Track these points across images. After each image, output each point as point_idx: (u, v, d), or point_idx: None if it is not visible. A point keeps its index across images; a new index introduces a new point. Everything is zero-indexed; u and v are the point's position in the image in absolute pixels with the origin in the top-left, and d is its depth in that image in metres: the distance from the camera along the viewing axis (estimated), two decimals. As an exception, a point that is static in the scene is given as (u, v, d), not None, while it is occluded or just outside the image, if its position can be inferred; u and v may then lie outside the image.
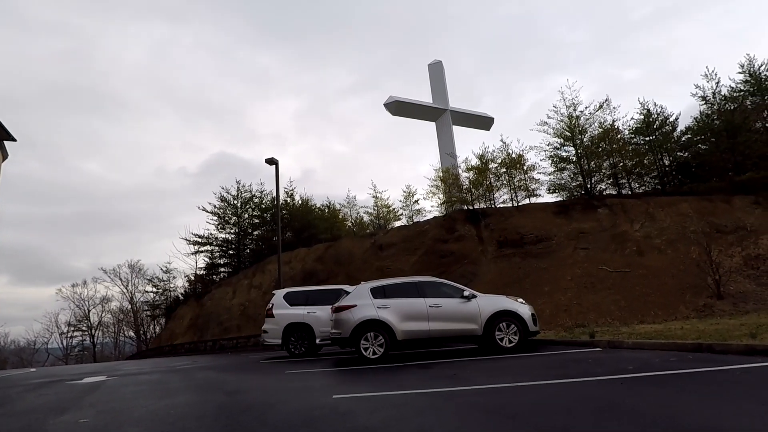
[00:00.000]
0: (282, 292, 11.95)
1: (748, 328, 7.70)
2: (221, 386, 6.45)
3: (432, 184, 22.49)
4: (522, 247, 17.24)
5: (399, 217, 25.59)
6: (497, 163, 21.23)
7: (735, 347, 6.08)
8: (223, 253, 31.82)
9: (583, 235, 16.44)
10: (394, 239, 21.71)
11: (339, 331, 8.59)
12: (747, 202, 15.02)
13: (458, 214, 20.35)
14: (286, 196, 29.54)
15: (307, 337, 11.18)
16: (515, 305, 8.77)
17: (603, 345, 7.99)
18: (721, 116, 17.56)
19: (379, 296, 8.77)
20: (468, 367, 6.75)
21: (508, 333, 8.59)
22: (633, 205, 16.81)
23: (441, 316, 8.60)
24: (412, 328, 8.50)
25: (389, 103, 27.51)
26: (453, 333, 8.59)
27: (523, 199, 20.92)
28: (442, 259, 18.95)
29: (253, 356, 13.47)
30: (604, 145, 19.00)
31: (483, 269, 17.50)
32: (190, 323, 27.64)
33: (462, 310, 8.68)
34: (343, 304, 8.78)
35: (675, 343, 6.85)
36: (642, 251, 14.51)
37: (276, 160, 18.48)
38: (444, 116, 27.69)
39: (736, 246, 13.07)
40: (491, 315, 8.61)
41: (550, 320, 12.37)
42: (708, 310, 11.00)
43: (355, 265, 22.10)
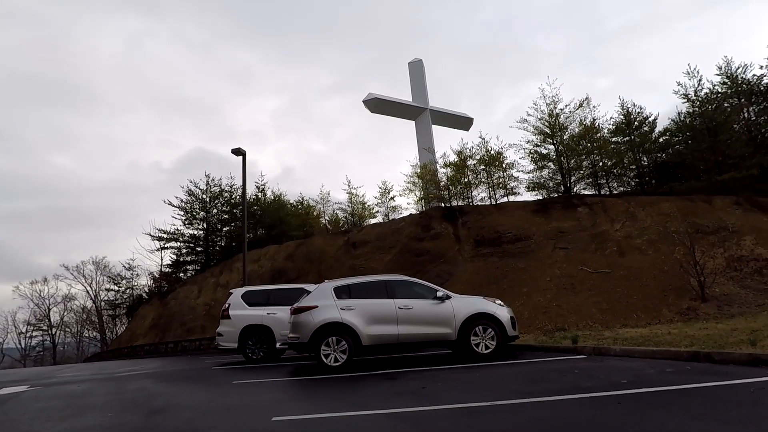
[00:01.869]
0: (240, 291, 10.92)
1: (742, 334, 7.11)
2: (148, 402, 5.43)
3: (409, 180, 21.71)
4: (500, 247, 16.59)
5: (374, 215, 24.72)
6: (476, 159, 20.59)
7: (736, 357, 5.42)
8: (190, 249, 30.35)
9: (563, 235, 15.89)
10: (369, 237, 20.83)
11: (297, 335, 7.65)
12: (728, 202, 14.72)
13: (435, 212, 19.60)
14: (257, 191, 28.36)
15: (267, 341, 10.18)
16: (493, 307, 8.00)
17: (587, 352, 7.28)
18: (703, 114, 17.30)
19: (344, 296, 7.87)
20: (439, 377, 5.91)
21: (484, 338, 7.81)
22: (613, 204, 16.35)
23: (412, 319, 7.76)
24: (379, 332, 7.62)
25: (368, 100, 26.76)
26: (424, 338, 7.75)
27: (501, 198, 20.34)
28: (417, 258, 18.16)
29: (210, 360, 12.38)
30: (585, 143, 18.55)
31: (459, 269, 16.78)
32: (153, 323, 26.13)
33: (435, 312, 7.86)
34: (302, 305, 7.84)
35: (668, 351, 6.17)
36: (623, 251, 14.02)
37: (243, 151, 17.35)
38: (423, 115, 27.12)
39: (718, 247, 12.67)
40: (467, 318, 7.81)
41: (528, 323, 11.69)
42: (692, 313, 10.49)
43: (327, 263, 21.12)
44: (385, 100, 26.66)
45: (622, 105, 21.32)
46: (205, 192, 29.19)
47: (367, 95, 27.01)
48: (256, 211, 28.97)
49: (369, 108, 27.00)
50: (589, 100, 19.89)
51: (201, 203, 29.15)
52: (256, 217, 29.13)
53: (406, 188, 21.87)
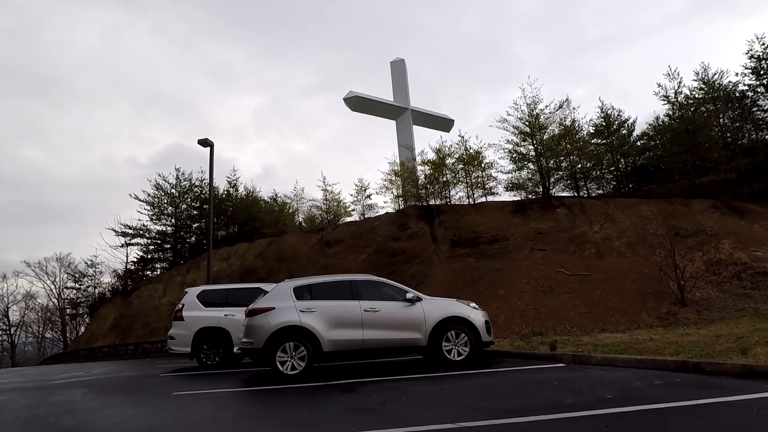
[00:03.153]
0: (196, 290, 10.06)
1: (728, 341, 6.69)
2: (59, 421, 4.61)
3: (386, 178, 21.06)
4: (477, 247, 16.10)
5: (350, 213, 24.00)
6: (454, 158, 20.10)
7: (729, 368, 4.93)
8: (157, 246, 29.03)
9: (541, 236, 15.49)
10: (343, 236, 20.10)
11: (250, 340, 6.89)
12: (706, 206, 14.55)
13: (411, 211, 19.02)
14: (229, 186, 27.26)
15: (223, 345, 9.36)
16: (467, 311, 7.40)
17: (567, 359, 6.74)
18: (682, 116, 17.20)
19: (304, 297, 7.16)
20: (404, 390, 5.26)
21: (457, 344, 7.21)
22: (592, 206, 16.05)
23: (378, 323, 7.09)
24: (342, 336, 6.93)
25: (349, 98, 26.17)
26: (392, 343, 7.10)
27: (480, 198, 19.90)
28: (392, 258, 17.52)
29: (166, 365, 11.46)
30: (565, 143, 18.25)
31: (435, 270, 16.21)
32: (114, 324, 24.76)
33: (404, 315, 7.22)
34: (257, 307, 7.09)
35: (654, 361, 5.66)
36: (601, 254, 13.67)
37: (211, 143, 16.40)
38: (405, 115, 26.72)
39: (697, 250, 12.43)
40: (438, 322, 7.20)
41: (505, 326, 11.17)
42: (672, 317, 10.14)
43: (300, 262, 20.30)
44: (366, 98, 26.15)
45: (602, 107, 21.20)
46: (175, 186, 27.97)
47: (348, 93, 26.41)
48: (228, 207, 27.92)
49: (350, 106, 26.48)
50: (569, 101, 19.67)
51: (170, 198, 27.91)
52: (228, 214, 28.07)
53: (383, 186, 21.25)
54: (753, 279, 11.04)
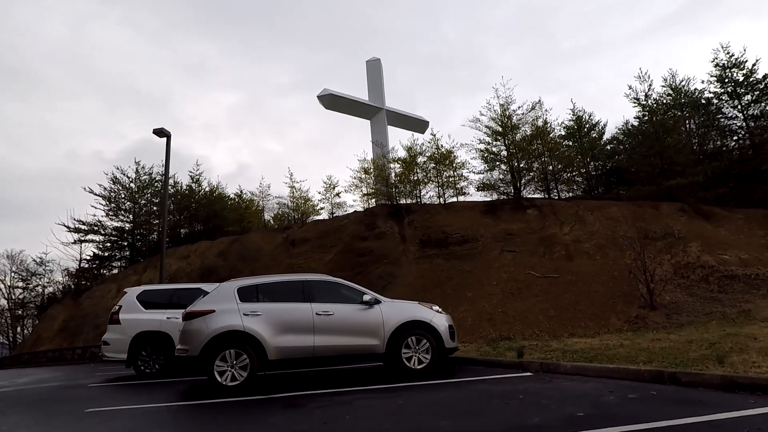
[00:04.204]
0: (136, 290, 9.15)
1: (701, 348, 6.35)
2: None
3: (355, 176, 20.40)
4: (446, 248, 15.63)
5: (319, 212, 23.22)
6: (426, 156, 19.63)
7: (707, 379, 4.50)
8: (114, 244, 27.45)
9: (511, 237, 15.14)
10: (309, 234, 19.32)
11: (185, 346, 6.12)
12: (674, 208, 14.52)
13: (380, 209, 18.42)
14: (191, 182, 26.00)
15: (165, 351, 8.49)
16: (429, 314, 6.83)
17: (534, 368, 6.25)
18: (652, 119, 17.25)
19: (250, 299, 6.43)
20: (353, 405, 4.62)
21: (418, 351, 6.63)
22: (563, 207, 15.83)
23: (331, 328, 6.43)
24: (290, 343, 6.24)
25: (323, 95, 25.54)
26: (346, 350, 6.45)
27: (451, 198, 19.50)
28: (359, 258, 16.87)
29: (102, 373, 10.47)
30: (537, 144, 18.03)
31: (403, 270, 15.65)
32: (62, 326, 23.14)
33: (360, 319, 6.58)
34: (195, 309, 6.32)
35: (627, 370, 5.21)
36: (571, 255, 13.40)
37: (167, 132, 15.36)
38: (379, 115, 26.29)
39: (665, 253, 12.28)
40: (398, 327, 6.61)
41: (472, 330, 10.68)
42: (641, 321, 9.86)
43: (263, 261, 19.40)
44: (340, 96, 25.63)
45: (573, 110, 21.19)
46: (134, 181, 26.52)
47: (322, 90, 25.83)
48: (191, 204, 26.69)
49: (323, 104, 25.94)
50: (541, 103, 19.50)
51: (128, 193, 26.42)
52: (191, 211, 26.83)
53: (352, 184, 20.56)
54: (720, 282, 10.92)
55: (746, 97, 19.38)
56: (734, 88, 19.40)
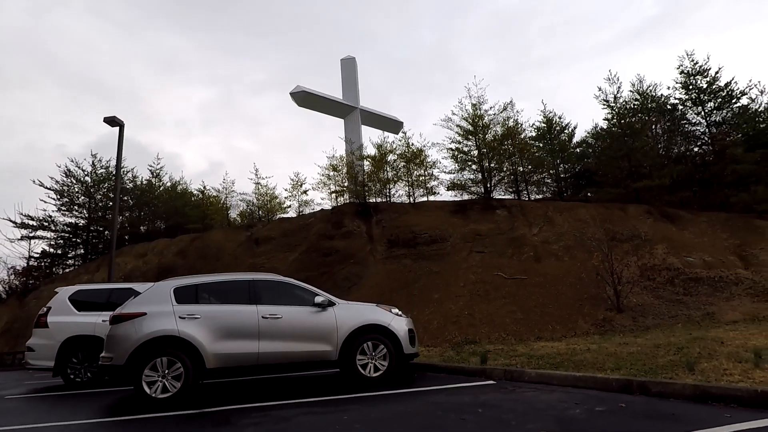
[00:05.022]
0: (68, 290, 8.30)
1: (669, 353, 6.08)
2: None
3: (323, 173, 19.77)
4: (414, 248, 15.21)
5: (286, 210, 22.46)
6: (396, 154, 19.21)
7: (679, 389, 4.16)
8: (67, 240, 25.89)
9: (480, 238, 14.86)
10: (274, 233, 18.58)
11: (110, 354, 5.42)
12: (641, 211, 14.55)
13: (348, 208, 17.87)
14: (151, 177, 24.76)
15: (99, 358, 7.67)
16: (387, 318, 6.33)
17: (498, 375, 5.83)
18: (620, 122, 17.36)
19: (188, 300, 5.78)
20: (293, 421, 4.07)
21: (375, 357, 6.12)
22: (532, 208, 15.67)
23: (279, 333, 5.85)
24: (232, 349, 5.63)
25: (296, 92, 24.86)
26: (295, 357, 5.88)
27: (421, 197, 19.14)
28: (325, 258, 16.27)
29: (35, 381, 9.53)
30: (508, 144, 17.86)
31: (370, 271, 15.14)
32: (5, 328, 21.54)
33: (312, 323, 6.03)
34: (124, 312, 5.62)
35: (594, 379, 4.84)
36: (539, 257, 13.19)
37: (120, 122, 14.38)
38: (353, 114, 25.84)
39: (632, 255, 12.22)
40: (353, 331, 6.09)
41: (437, 334, 10.27)
42: (608, 324, 9.67)
43: (225, 261, 18.52)
44: (313, 94, 25.03)
45: (544, 111, 21.21)
46: (90, 174, 25.07)
47: (295, 87, 25.15)
48: (152, 199, 25.46)
49: (296, 101, 25.31)
50: (513, 104, 19.39)
51: (83, 187, 24.95)
52: (151, 207, 25.59)
53: (320, 181, 19.92)
54: (685, 285, 10.89)
55: (709, 104, 19.80)
56: (698, 94, 19.76)
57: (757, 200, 14.33)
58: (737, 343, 6.37)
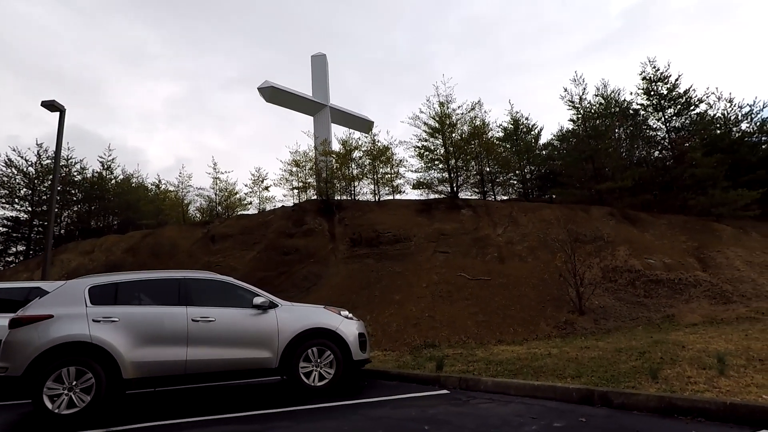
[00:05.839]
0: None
1: (631, 358, 5.80)
2: None
3: (286, 168, 19.01)
4: (377, 247, 14.71)
5: (247, 206, 21.54)
6: (362, 151, 18.68)
7: (643, 400, 3.81)
8: (8, 236, 24.05)
9: (444, 238, 14.51)
10: (232, 230, 17.67)
11: (5, 364, 4.65)
12: (604, 212, 14.57)
13: (310, 205, 17.21)
14: (102, 169, 23.28)
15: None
16: (335, 321, 5.78)
17: (452, 384, 5.39)
18: (585, 124, 17.44)
19: (105, 301, 5.06)
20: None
21: (320, 364, 5.56)
22: (497, 208, 15.47)
23: (211, 338, 5.21)
24: (155, 357, 4.95)
25: (264, 87, 23.99)
26: (229, 365, 5.25)
27: (387, 195, 18.66)
28: (284, 257, 15.54)
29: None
30: (475, 144, 17.64)
31: (331, 270, 14.53)
32: (-68, 330, 19.75)
33: (249, 327, 5.42)
34: (27, 314, 4.86)
35: (553, 389, 4.46)
36: (503, 258, 12.94)
37: (60, 107, 13.23)
38: (323, 112, 25.23)
39: (595, 256, 12.13)
40: (296, 336, 5.51)
41: (396, 336, 9.79)
42: (569, 327, 9.45)
43: (179, 259, 17.48)
44: (281, 89, 24.22)
45: (511, 111, 21.17)
46: (34, 165, 23.35)
47: (263, 82, 24.27)
48: (105, 193, 23.95)
49: (264, 96, 24.46)
50: (481, 104, 19.22)
51: (26, 178, 23.21)
52: (103, 201, 24.08)
53: (282, 177, 19.15)
54: (646, 287, 10.83)
55: (669, 110, 20.23)
56: (659, 100, 20.15)
57: (714, 204, 14.60)
58: (698, 347, 6.17)
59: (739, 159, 17.07)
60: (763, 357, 5.22)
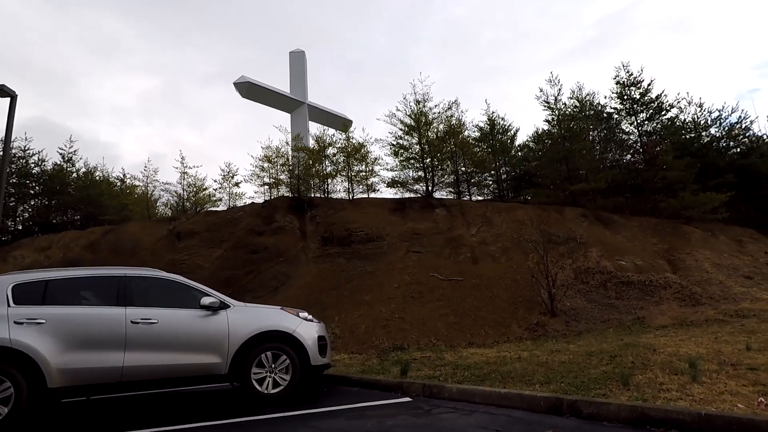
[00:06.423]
0: None
1: (601, 362, 5.59)
2: None
3: (257, 164, 18.41)
4: (349, 246, 14.32)
5: (216, 203, 20.80)
6: (336, 148, 18.26)
7: (614, 410, 3.56)
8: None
9: (418, 237, 14.23)
10: (198, 227, 16.97)
11: None
12: (577, 214, 14.55)
13: (281, 202, 16.67)
14: (63, 161, 22.13)
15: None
16: (292, 323, 5.38)
17: (416, 390, 5.07)
18: (560, 125, 17.46)
19: (31, 301, 4.54)
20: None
21: (274, 370, 5.15)
22: (471, 208, 15.28)
23: (152, 342, 4.74)
24: (86, 363, 4.46)
25: (240, 82, 23.41)
26: (171, 372, 4.79)
27: (361, 194, 18.28)
28: (253, 255, 14.98)
29: None
30: (451, 143, 17.43)
31: (301, 270, 14.06)
32: None
33: (197, 330, 4.97)
34: (-65, 316, 4.29)
35: (521, 397, 4.18)
36: (477, 258, 12.74)
37: (11, 92, 12.33)
38: (301, 109, 24.83)
39: (567, 258, 12.04)
40: (248, 339, 5.09)
41: (364, 339, 9.43)
42: (541, 329, 9.28)
43: (141, 256, 16.67)
44: (258, 85, 23.69)
45: (487, 111, 21.08)
46: (-12, 156, 22.01)
47: (240, 77, 23.69)
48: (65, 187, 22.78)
49: (240, 92, 23.90)
50: (458, 103, 19.03)
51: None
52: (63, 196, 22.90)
53: (253, 173, 18.54)
54: (617, 288, 10.78)
55: (641, 115, 20.50)
56: (632, 105, 20.40)
57: (684, 206, 14.75)
58: (669, 350, 6.02)
59: (708, 163, 17.37)
60: (735, 361, 5.07)
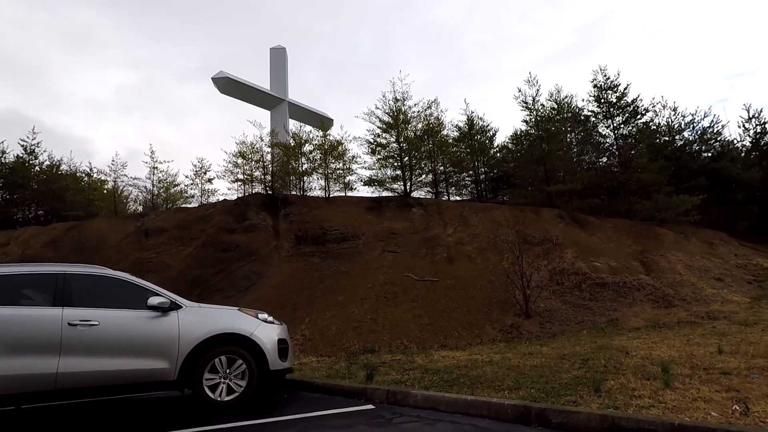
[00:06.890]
0: None
1: (574, 366, 5.42)
2: None
3: (230, 160, 17.87)
4: (324, 245, 13.96)
5: (188, 200, 20.15)
6: (313, 145, 17.87)
7: (584, 420, 3.34)
8: None
9: (394, 237, 13.97)
10: (167, 224, 16.35)
11: None
12: (553, 214, 14.52)
13: (254, 199, 16.20)
14: (25, 154, 21.10)
15: None
16: (250, 325, 5.03)
17: (380, 397, 4.79)
18: (538, 125, 17.47)
19: (-47, 301, 4.08)
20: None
21: (229, 375, 4.79)
22: (448, 207, 15.11)
23: (92, 346, 4.34)
24: (13, 370, 4.04)
25: (218, 78, 22.75)
26: (113, 379, 4.39)
27: (338, 192, 17.94)
28: (223, 254, 14.47)
29: None
30: (429, 141, 17.25)
31: (273, 270, 13.65)
32: None
33: (143, 332, 4.58)
34: None
35: (488, 404, 3.94)
36: (452, 258, 12.55)
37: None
38: (281, 107, 24.33)
39: (543, 258, 11.95)
40: (201, 343, 4.72)
41: (335, 341, 9.10)
42: (515, 331, 9.12)
43: (106, 254, 15.95)
44: (237, 81, 23.04)
45: (466, 111, 21.00)
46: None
47: (218, 72, 23.01)
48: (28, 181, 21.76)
49: (219, 87, 23.22)
50: (437, 102, 18.87)
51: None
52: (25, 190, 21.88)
53: (226, 169, 17.99)
54: (592, 290, 10.72)
55: (618, 118, 20.72)
56: (608, 108, 20.60)
57: (658, 208, 14.89)
58: (642, 353, 5.89)
59: (681, 166, 17.64)
60: (707, 365, 4.95)
